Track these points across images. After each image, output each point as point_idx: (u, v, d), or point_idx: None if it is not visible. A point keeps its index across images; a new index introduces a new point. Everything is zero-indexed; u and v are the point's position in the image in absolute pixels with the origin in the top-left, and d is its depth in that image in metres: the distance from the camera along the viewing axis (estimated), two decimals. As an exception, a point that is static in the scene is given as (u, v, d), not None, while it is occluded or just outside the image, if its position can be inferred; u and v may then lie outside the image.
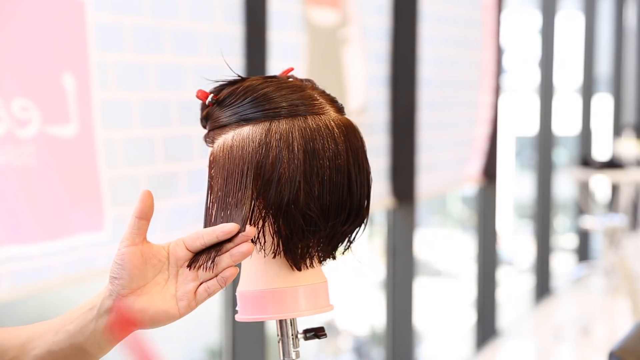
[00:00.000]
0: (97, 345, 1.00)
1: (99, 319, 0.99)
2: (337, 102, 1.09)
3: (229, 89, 1.07)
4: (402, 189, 3.61)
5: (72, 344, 0.99)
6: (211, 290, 1.01)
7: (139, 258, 0.99)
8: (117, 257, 0.99)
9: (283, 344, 1.06)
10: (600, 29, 7.63)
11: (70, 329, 1.00)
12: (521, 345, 5.21)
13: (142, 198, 1.02)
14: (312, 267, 1.04)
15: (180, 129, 2.28)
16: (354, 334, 6.79)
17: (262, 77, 1.08)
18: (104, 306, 0.99)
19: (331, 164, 1.01)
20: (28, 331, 1.02)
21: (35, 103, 1.86)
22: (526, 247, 7.09)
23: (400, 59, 3.56)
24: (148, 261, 0.99)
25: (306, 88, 1.06)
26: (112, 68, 2.06)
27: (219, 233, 1.00)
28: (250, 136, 1.02)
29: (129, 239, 0.99)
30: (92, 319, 0.99)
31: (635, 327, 1.86)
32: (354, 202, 1.03)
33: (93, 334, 0.99)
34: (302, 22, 2.88)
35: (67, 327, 1.00)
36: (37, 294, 1.97)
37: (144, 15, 2.15)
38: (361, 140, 1.06)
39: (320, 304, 1.04)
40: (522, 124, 7.45)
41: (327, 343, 6.36)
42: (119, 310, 0.98)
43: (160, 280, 1.00)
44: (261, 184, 1.00)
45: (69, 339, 0.99)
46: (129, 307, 0.98)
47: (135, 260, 0.98)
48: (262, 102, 1.03)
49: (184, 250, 1.01)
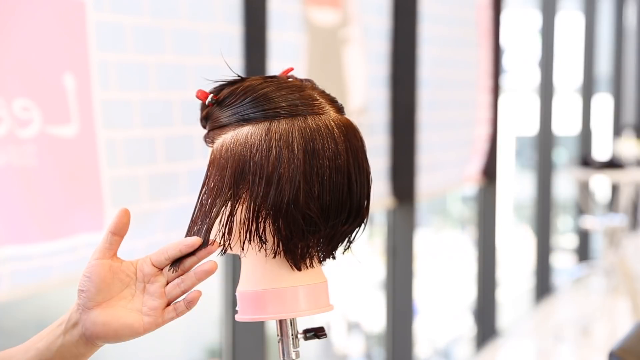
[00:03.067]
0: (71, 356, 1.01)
1: (66, 334, 1.00)
2: (337, 102, 1.09)
3: (228, 89, 1.07)
4: (402, 189, 3.62)
5: None
6: (179, 311, 1.01)
7: (107, 272, 0.99)
8: (86, 270, 0.99)
9: (283, 344, 1.06)
10: (600, 29, 7.62)
11: (39, 346, 1.00)
12: (521, 346, 5.21)
13: (119, 215, 1.01)
14: (312, 267, 1.04)
15: (181, 128, 2.28)
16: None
17: (262, 77, 1.08)
18: (72, 320, 1.00)
19: (331, 164, 1.01)
20: (2, 354, 1.02)
21: (36, 103, 1.86)
22: (526, 247, 7.09)
23: (400, 59, 3.56)
24: (116, 276, 0.99)
25: (306, 88, 1.06)
26: (113, 68, 2.06)
27: (182, 247, 1.00)
28: (250, 136, 1.02)
29: (100, 253, 0.99)
30: (60, 334, 1.00)
31: (635, 327, 1.87)
32: (353, 202, 1.03)
33: (60, 350, 1.00)
34: (302, 22, 2.88)
35: (37, 345, 1.00)
36: (37, 294, 1.97)
37: (144, 15, 2.15)
38: (361, 140, 1.06)
39: (321, 304, 1.04)
40: (522, 124, 7.44)
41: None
42: None
43: (127, 295, 1.00)
44: (262, 184, 1.00)
45: (38, 357, 1.00)
46: (93, 320, 0.98)
47: (103, 274, 0.99)
48: (262, 102, 1.03)
49: (149, 266, 1.01)
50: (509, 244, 7.76)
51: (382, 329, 3.88)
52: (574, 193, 6.62)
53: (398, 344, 3.75)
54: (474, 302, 5.12)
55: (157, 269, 1.01)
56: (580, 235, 7.18)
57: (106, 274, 0.99)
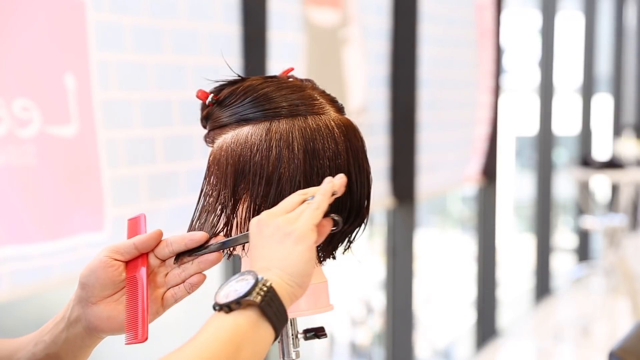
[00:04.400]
0: (71, 354, 1.01)
1: (69, 328, 1.00)
2: (337, 102, 1.08)
3: (229, 89, 1.07)
4: (402, 189, 3.61)
5: (48, 354, 1.01)
6: (178, 296, 1.02)
7: (115, 271, 0.99)
8: (93, 264, 0.99)
9: (283, 343, 1.06)
10: (600, 29, 7.62)
11: (46, 339, 1.02)
12: (521, 345, 5.21)
13: (152, 235, 1.01)
14: None
15: (180, 128, 2.28)
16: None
17: (262, 77, 1.08)
18: (73, 314, 1.00)
19: (331, 163, 1.01)
20: (15, 343, 1.03)
21: (36, 103, 1.86)
22: (526, 247, 7.09)
23: (400, 59, 3.56)
24: (121, 274, 1.00)
25: (306, 88, 1.06)
26: (113, 68, 2.06)
27: (188, 241, 1.00)
28: (250, 136, 1.02)
29: (116, 254, 0.99)
30: (63, 329, 1.00)
31: (635, 327, 1.87)
32: (354, 202, 1.03)
33: (65, 343, 1.01)
34: (302, 22, 2.88)
35: (44, 338, 1.01)
36: (37, 294, 1.97)
37: (143, 15, 2.15)
38: (361, 140, 1.06)
39: (321, 304, 1.04)
40: (522, 124, 7.44)
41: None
42: None
43: None
44: (262, 184, 1.00)
45: (45, 350, 1.01)
46: (97, 315, 0.99)
47: (111, 273, 0.99)
48: (263, 102, 1.03)
49: (153, 258, 1.02)
50: (509, 244, 7.75)
51: (382, 329, 3.88)
52: (574, 193, 6.61)
53: (398, 344, 3.75)
54: (474, 302, 5.12)
55: (160, 260, 1.02)
56: (580, 235, 7.18)
57: (114, 273, 0.99)
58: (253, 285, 0.86)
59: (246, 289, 0.86)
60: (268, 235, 0.92)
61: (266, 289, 0.86)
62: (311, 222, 0.92)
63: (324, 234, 0.95)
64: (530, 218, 6.92)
